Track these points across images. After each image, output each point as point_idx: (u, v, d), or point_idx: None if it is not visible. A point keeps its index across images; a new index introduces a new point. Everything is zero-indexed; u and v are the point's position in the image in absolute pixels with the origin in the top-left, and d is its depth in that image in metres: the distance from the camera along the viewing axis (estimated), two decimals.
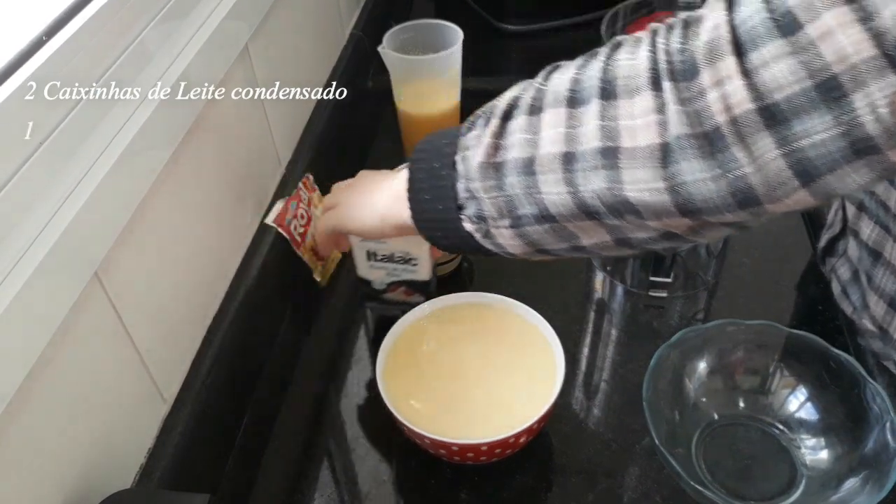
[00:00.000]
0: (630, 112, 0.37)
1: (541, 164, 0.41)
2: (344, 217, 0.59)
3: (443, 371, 0.59)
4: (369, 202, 0.56)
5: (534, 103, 0.42)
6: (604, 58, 0.40)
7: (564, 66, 0.43)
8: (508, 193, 0.43)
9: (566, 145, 0.40)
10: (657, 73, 0.36)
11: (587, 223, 0.42)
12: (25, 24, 0.43)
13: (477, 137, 0.45)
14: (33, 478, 0.41)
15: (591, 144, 0.39)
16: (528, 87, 0.44)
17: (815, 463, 0.56)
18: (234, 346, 0.61)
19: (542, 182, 0.41)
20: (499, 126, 0.43)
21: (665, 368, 0.59)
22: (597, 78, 0.39)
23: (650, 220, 0.39)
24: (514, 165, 0.42)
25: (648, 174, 0.37)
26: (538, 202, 0.42)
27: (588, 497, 0.57)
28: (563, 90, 0.41)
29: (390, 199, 0.53)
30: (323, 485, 0.59)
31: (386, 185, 0.54)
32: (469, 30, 0.81)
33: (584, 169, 0.39)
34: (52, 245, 0.40)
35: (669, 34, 0.37)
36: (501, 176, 0.43)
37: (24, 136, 0.40)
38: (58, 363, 0.42)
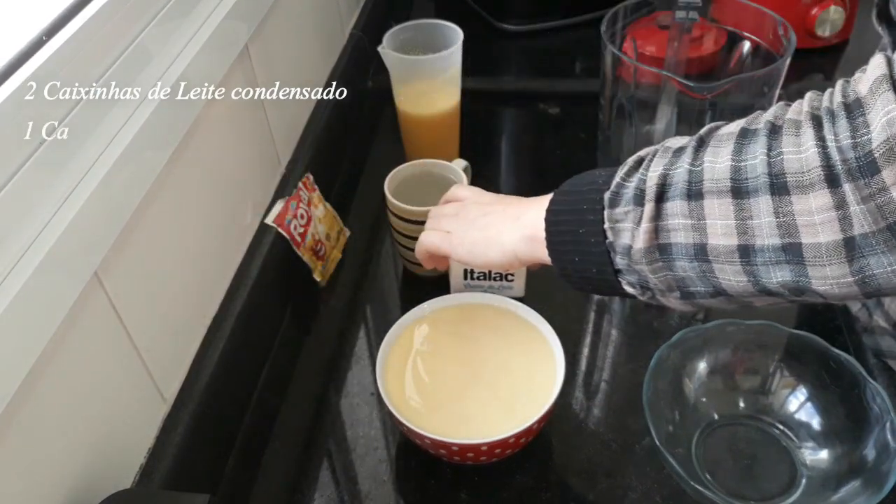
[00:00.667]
0: (807, 209, 0.37)
1: (715, 253, 0.40)
2: (461, 250, 0.57)
3: (443, 371, 0.59)
4: (495, 239, 0.54)
5: (690, 187, 0.41)
6: (764, 147, 0.38)
7: (714, 145, 0.41)
8: (679, 275, 0.43)
9: (741, 238, 0.39)
10: (832, 172, 0.36)
11: (766, 299, 0.42)
12: (25, 24, 0.43)
13: (627, 215, 0.43)
14: (33, 477, 0.41)
15: (770, 241, 0.38)
16: (673, 161, 0.42)
17: (815, 463, 0.56)
18: (234, 346, 0.61)
19: (718, 270, 0.41)
20: (654, 210, 0.42)
21: (665, 368, 0.59)
22: (763, 172, 0.38)
23: (833, 300, 0.40)
24: (683, 251, 0.42)
25: (836, 270, 0.37)
26: (714, 284, 0.42)
27: (588, 497, 0.57)
28: (724, 179, 0.39)
29: (523, 241, 0.52)
30: (323, 485, 0.59)
31: (511, 223, 0.54)
32: (469, 30, 0.81)
33: (766, 262, 0.39)
34: (52, 245, 0.40)
35: (834, 124, 0.36)
36: (669, 259, 0.42)
37: (24, 136, 0.40)
38: (58, 363, 0.42)
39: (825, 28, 0.99)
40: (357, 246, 0.80)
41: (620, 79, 0.69)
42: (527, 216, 0.52)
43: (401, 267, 0.78)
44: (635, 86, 0.69)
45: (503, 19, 1.12)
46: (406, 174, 0.75)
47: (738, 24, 0.72)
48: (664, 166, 0.42)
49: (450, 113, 0.84)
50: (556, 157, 0.91)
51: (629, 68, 0.68)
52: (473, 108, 0.89)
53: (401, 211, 0.70)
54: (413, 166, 0.75)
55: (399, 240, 0.73)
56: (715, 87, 0.65)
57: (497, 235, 0.54)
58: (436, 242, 0.59)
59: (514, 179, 0.91)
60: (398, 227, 0.71)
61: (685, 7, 0.71)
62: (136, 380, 0.51)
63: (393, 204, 0.70)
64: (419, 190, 0.74)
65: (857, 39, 1.05)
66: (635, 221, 0.43)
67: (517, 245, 0.53)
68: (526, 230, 0.52)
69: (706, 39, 0.79)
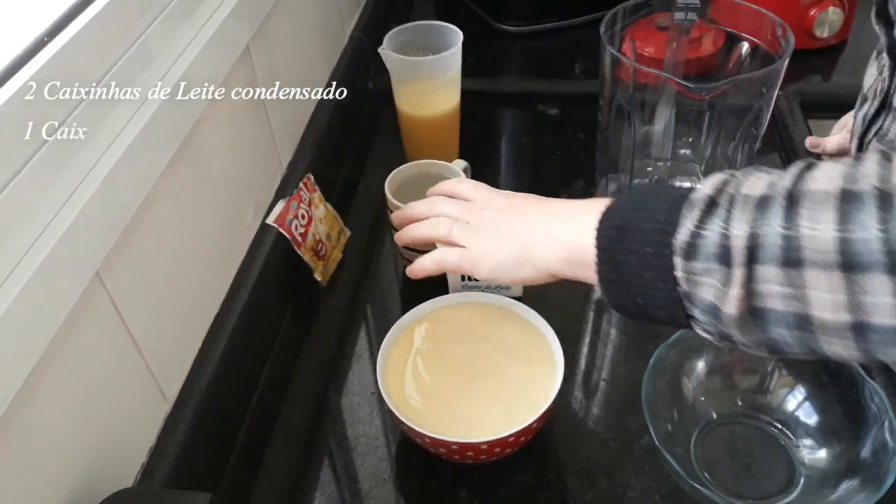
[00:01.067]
0: None
1: (822, 327, 0.37)
2: (483, 271, 0.53)
3: (443, 370, 0.60)
4: (526, 257, 0.51)
5: (787, 254, 0.37)
6: (875, 220, 0.34)
7: (810, 207, 0.37)
8: (774, 338, 0.40)
9: (854, 315, 0.36)
10: None
11: None
12: (27, 25, 0.44)
13: (710, 273, 0.39)
14: (35, 476, 0.41)
15: (891, 321, 0.35)
16: (759, 219, 0.38)
17: (813, 462, 0.57)
18: (235, 346, 0.61)
19: (823, 341, 0.38)
20: (746, 275, 0.38)
21: (664, 368, 0.59)
22: (878, 249, 0.34)
23: None
24: (781, 319, 0.38)
25: None
26: (814, 349, 0.39)
27: (587, 496, 0.57)
28: (830, 251, 0.35)
29: (562, 263, 0.49)
30: (324, 483, 0.59)
31: (543, 238, 0.50)
32: (469, 31, 0.81)
33: (885, 342, 0.36)
34: (54, 245, 0.40)
35: None
36: (764, 323, 0.39)
37: (24, 137, 0.40)
38: (59, 362, 0.43)
39: (824, 29, 0.99)
40: (357, 246, 0.81)
41: (619, 80, 0.69)
42: (562, 233, 0.49)
43: (401, 267, 0.78)
44: (634, 87, 0.69)
45: (503, 20, 1.13)
46: (406, 175, 0.75)
47: (736, 25, 0.72)
48: (750, 224, 0.38)
49: (450, 114, 0.84)
50: (556, 158, 0.91)
51: (628, 69, 0.68)
52: (473, 108, 0.89)
53: None
54: (413, 167, 0.75)
55: None
56: (713, 87, 0.65)
57: (527, 252, 0.51)
58: (453, 262, 0.55)
59: (513, 180, 0.91)
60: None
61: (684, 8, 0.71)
62: (137, 379, 0.51)
63: (393, 204, 0.70)
64: (419, 190, 0.74)
65: (856, 40, 1.05)
66: (722, 283, 0.39)
67: (554, 265, 0.49)
68: (565, 251, 0.48)
69: (705, 40, 0.79)
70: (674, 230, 0.40)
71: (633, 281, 0.43)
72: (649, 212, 0.42)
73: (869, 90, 0.60)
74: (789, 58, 0.63)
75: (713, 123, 0.77)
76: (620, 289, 0.45)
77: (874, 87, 0.59)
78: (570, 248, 0.48)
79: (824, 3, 0.97)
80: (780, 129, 0.89)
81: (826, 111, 0.92)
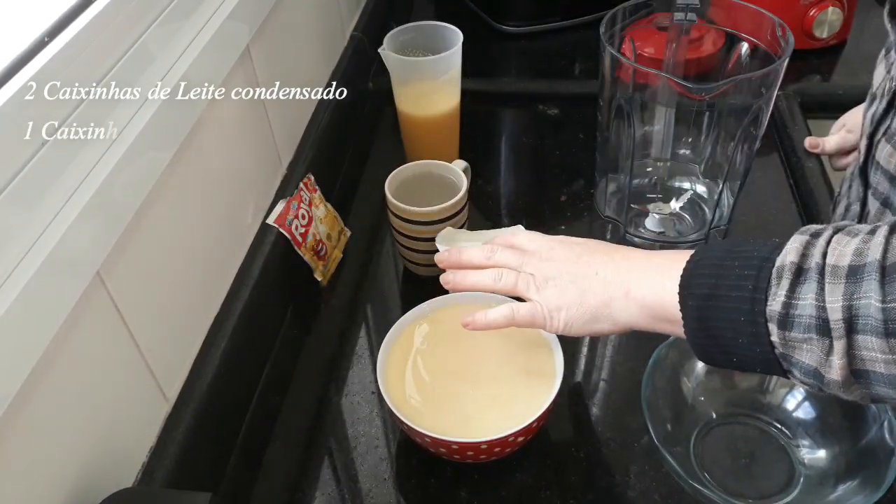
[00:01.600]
0: None
1: None
2: (558, 324, 0.52)
3: (443, 370, 0.60)
4: (603, 314, 0.50)
5: (887, 326, 0.38)
6: None
7: None
8: (879, 394, 0.41)
9: None
10: None
11: None
12: (27, 25, 0.44)
13: (810, 342, 0.40)
14: (35, 476, 0.42)
15: None
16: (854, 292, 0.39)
17: (812, 461, 0.57)
18: (235, 345, 0.61)
19: None
20: (847, 344, 0.40)
21: (663, 367, 0.59)
22: None
23: None
24: (884, 380, 0.40)
25: None
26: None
27: (587, 495, 0.57)
28: None
29: (645, 319, 0.49)
30: (324, 483, 0.59)
31: (621, 296, 0.50)
32: (469, 31, 0.81)
33: None
34: (55, 245, 0.40)
35: None
36: (868, 383, 0.41)
37: (24, 137, 0.40)
38: (60, 362, 0.43)
39: (823, 29, 0.99)
40: (358, 246, 0.81)
41: (619, 80, 0.69)
42: (642, 291, 0.48)
43: (401, 267, 0.78)
44: (634, 87, 0.69)
45: (503, 21, 1.13)
46: (406, 175, 0.75)
47: (736, 26, 0.72)
48: (845, 297, 0.39)
49: (450, 114, 0.84)
50: (556, 158, 0.91)
51: (628, 69, 0.68)
52: (473, 109, 0.89)
53: (401, 211, 0.70)
54: (413, 167, 0.75)
55: (399, 240, 0.73)
56: (713, 88, 0.65)
57: (604, 309, 0.50)
58: (525, 317, 0.54)
59: (513, 180, 0.91)
60: (399, 227, 0.72)
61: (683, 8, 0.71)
62: (138, 379, 0.52)
63: (393, 204, 0.70)
64: (419, 190, 0.74)
65: (855, 40, 1.05)
66: (823, 352, 0.40)
67: (636, 321, 0.50)
68: (647, 311, 0.48)
69: (704, 41, 0.79)
70: (764, 298, 0.41)
71: (727, 344, 0.44)
72: (734, 279, 0.43)
73: (877, 89, 0.60)
74: (789, 58, 0.63)
75: (713, 123, 0.77)
76: (713, 350, 0.45)
77: (882, 86, 0.59)
78: (653, 308, 0.48)
79: (824, 3, 0.97)
80: (780, 129, 0.89)
81: (826, 111, 0.92)
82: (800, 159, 0.84)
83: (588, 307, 0.51)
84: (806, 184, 0.81)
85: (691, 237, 0.75)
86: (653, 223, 0.74)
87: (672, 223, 0.74)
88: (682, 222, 0.78)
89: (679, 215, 0.77)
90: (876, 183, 0.61)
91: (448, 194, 0.71)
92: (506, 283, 0.54)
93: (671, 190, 0.80)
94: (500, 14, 1.13)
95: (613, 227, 0.80)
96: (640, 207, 0.78)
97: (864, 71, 0.64)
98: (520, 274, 0.54)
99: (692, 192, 0.79)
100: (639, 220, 0.77)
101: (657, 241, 0.73)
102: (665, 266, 0.48)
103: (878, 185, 0.61)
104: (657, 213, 0.75)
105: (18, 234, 0.40)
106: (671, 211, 0.74)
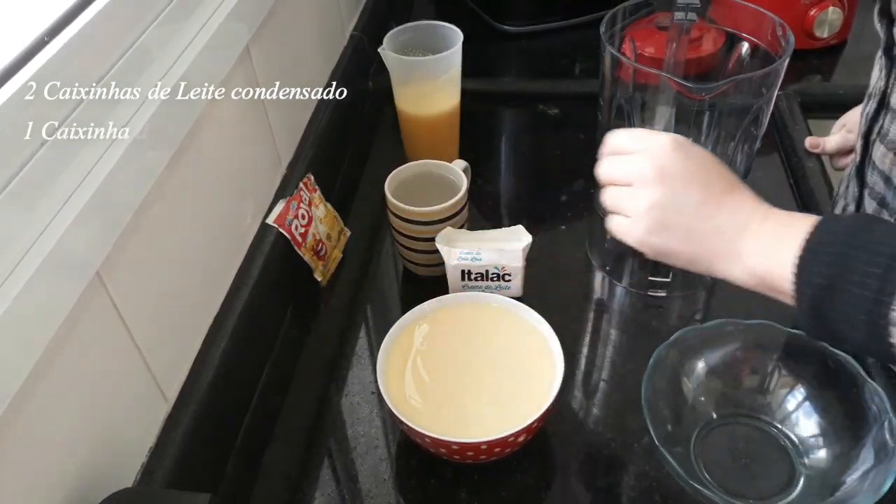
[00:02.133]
0: None
1: None
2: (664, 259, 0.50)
3: (443, 370, 0.60)
4: (704, 265, 0.49)
5: None
6: None
7: None
8: None
9: None
10: None
11: None
12: (27, 25, 0.44)
13: None
14: (35, 476, 0.42)
15: None
16: None
17: (813, 462, 0.57)
18: (235, 346, 0.61)
19: None
20: None
21: (664, 368, 0.59)
22: None
23: None
24: None
25: None
26: None
27: (587, 496, 0.57)
28: None
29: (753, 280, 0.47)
30: (324, 483, 0.59)
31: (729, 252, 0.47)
32: (469, 31, 0.81)
33: None
34: (54, 245, 0.40)
35: None
36: None
37: (24, 137, 0.40)
38: (60, 362, 0.43)
39: (824, 29, 0.99)
40: (357, 246, 0.81)
41: (619, 80, 0.69)
42: (750, 258, 0.46)
43: (401, 267, 0.78)
44: (634, 87, 0.69)
45: (503, 20, 1.13)
46: (406, 175, 0.75)
47: (736, 25, 0.72)
48: None
49: (450, 114, 0.84)
50: (556, 158, 0.91)
51: (628, 69, 0.68)
52: (473, 108, 0.89)
53: (401, 211, 0.70)
54: (413, 167, 0.75)
55: (399, 240, 0.73)
56: (713, 87, 0.65)
57: (705, 260, 0.49)
58: (643, 248, 0.51)
59: (513, 180, 0.91)
60: (398, 227, 0.72)
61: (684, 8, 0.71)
62: (137, 379, 0.51)
63: (393, 204, 0.70)
64: (419, 190, 0.74)
65: (856, 40, 1.05)
66: None
67: (738, 279, 0.48)
68: (756, 277, 0.47)
69: (705, 40, 0.79)
70: (890, 301, 0.40)
71: (841, 334, 0.43)
72: (859, 275, 0.41)
73: (872, 89, 0.60)
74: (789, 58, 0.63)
75: (713, 123, 0.77)
76: (823, 334, 0.45)
77: (875, 86, 0.59)
78: (763, 278, 0.46)
79: (824, 3, 0.97)
80: (780, 129, 0.89)
81: (826, 111, 0.92)
82: (800, 159, 0.84)
83: (694, 253, 0.49)
84: (806, 184, 0.81)
85: None
86: None
87: None
88: None
89: None
90: (872, 183, 0.61)
91: (448, 194, 0.71)
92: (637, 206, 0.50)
93: None
94: (500, 14, 1.13)
95: None
96: None
97: (864, 71, 0.64)
98: (650, 210, 0.49)
99: None
100: None
101: None
102: (781, 235, 0.45)
103: (875, 185, 0.61)
104: None
105: (18, 233, 0.39)
106: None
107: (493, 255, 0.67)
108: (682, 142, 0.51)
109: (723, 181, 0.50)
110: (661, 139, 0.51)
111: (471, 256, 0.67)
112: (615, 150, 0.53)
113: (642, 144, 0.51)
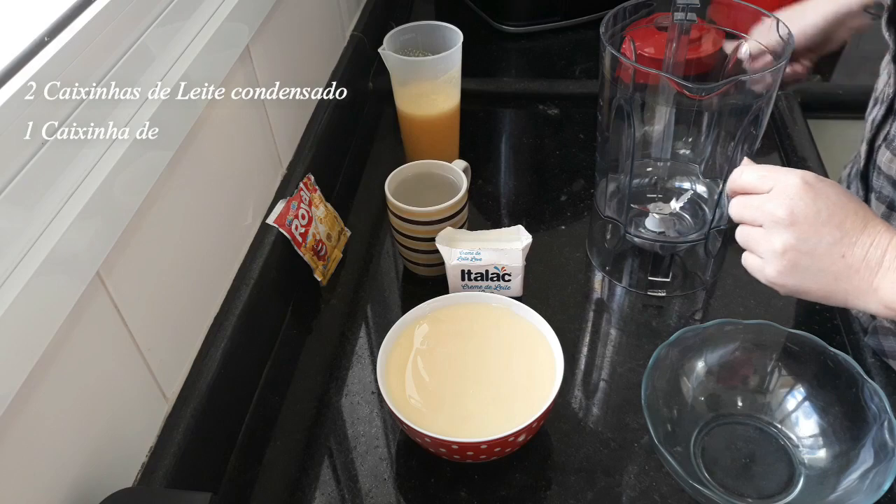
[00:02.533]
0: None
1: None
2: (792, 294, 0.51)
3: (443, 370, 0.60)
4: (840, 297, 0.49)
5: None
6: None
7: None
8: None
9: None
10: None
11: None
12: (27, 25, 0.44)
13: None
14: (35, 476, 0.42)
15: None
16: None
17: (813, 461, 0.57)
18: (235, 345, 0.61)
19: None
20: None
21: (663, 367, 0.59)
22: None
23: None
24: None
25: None
26: None
27: (587, 495, 0.57)
28: None
29: (889, 314, 0.48)
30: (324, 483, 0.59)
31: (864, 288, 0.48)
32: (469, 31, 0.81)
33: None
34: (54, 245, 0.40)
35: None
36: None
37: (24, 137, 0.40)
38: (60, 362, 0.43)
39: None
40: (358, 246, 0.81)
41: (619, 80, 0.69)
42: (887, 293, 0.47)
43: (401, 267, 0.78)
44: (634, 87, 0.69)
45: (503, 21, 1.13)
46: (406, 175, 0.75)
47: (736, 26, 0.72)
48: None
49: (450, 114, 0.84)
50: (556, 158, 0.91)
51: (628, 69, 0.68)
52: (473, 109, 0.90)
53: (401, 211, 0.70)
54: (413, 167, 0.75)
55: (399, 240, 0.73)
56: (713, 88, 0.65)
57: (842, 294, 0.49)
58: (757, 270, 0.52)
59: (513, 180, 0.91)
60: (398, 227, 0.72)
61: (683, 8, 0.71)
62: (137, 379, 0.52)
63: (393, 204, 0.70)
64: (419, 190, 0.74)
65: (856, 40, 1.05)
66: None
67: (873, 311, 0.49)
68: (892, 311, 0.47)
69: (704, 41, 0.79)
70: None
71: None
72: None
73: (879, 94, 0.60)
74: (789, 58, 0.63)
75: (713, 123, 0.77)
76: None
77: (883, 92, 0.59)
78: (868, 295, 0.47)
79: None
80: (780, 129, 0.89)
81: (826, 111, 0.92)
82: (800, 159, 0.84)
83: (826, 289, 0.49)
84: None
85: (691, 237, 0.75)
86: (653, 223, 0.74)
87: (672, 223, 0.74)
88: (683, 222, 0.77)
89: (679, 215, 0.77)
90: (879, 187, 0.61)
91: (448, 194, 0.71)
92: (769, 248, 0.50)
93: (671, 190, 0.80)
94: (500, 14, 1.13)
95: (613, 227, 0.79)
96: (641, 207, 0.77)
97: (865, 71, 0.64)
98: (782, 254, 0.50)
99: (692, 192, 0.79)
100: (639, 220, 0.77)
101: (657, 241, 0.73)
102: None
103: (882, 188, 0.61)
104: (657, 213, 0.75)
105: (18, 233, 0.40)
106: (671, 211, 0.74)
107: (493, 255, 0.67)
108: (812, 180, 0.50)
109: (854, 218, 0.49)
110: (790, 179, 0.50)
111: (471, 256, 0.67)
112: (744, 189, 0.53)
113: (771, 184, 0.51)
